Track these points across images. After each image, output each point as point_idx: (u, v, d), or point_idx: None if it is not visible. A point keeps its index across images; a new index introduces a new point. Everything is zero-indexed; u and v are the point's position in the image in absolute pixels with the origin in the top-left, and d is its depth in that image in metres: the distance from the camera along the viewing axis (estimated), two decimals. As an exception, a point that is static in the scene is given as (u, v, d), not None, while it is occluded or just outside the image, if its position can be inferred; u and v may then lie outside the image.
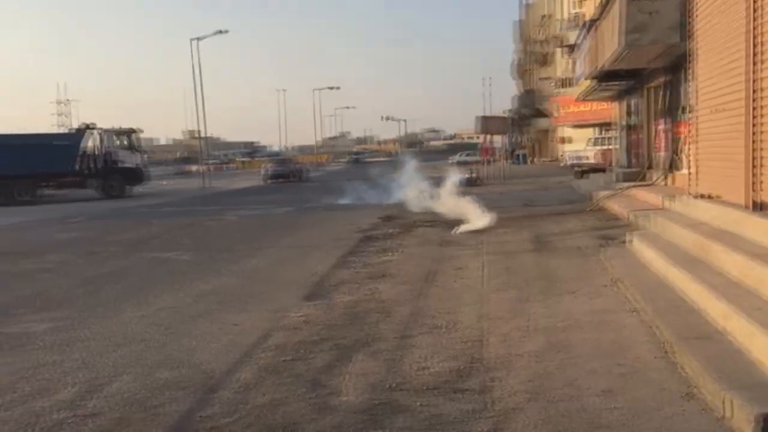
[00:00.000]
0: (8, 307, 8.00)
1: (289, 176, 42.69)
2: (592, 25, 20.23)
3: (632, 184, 16.82)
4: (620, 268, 7.92)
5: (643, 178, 17.34)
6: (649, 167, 17.93)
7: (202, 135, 47.55)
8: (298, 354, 5.68)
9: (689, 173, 9.15)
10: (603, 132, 37.91)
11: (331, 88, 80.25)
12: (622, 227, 12.13)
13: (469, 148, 77.82)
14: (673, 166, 15.50)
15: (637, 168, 19.26)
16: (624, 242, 10.37)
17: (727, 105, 7.34)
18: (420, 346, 5.81)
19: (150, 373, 5.32)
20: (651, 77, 17.26)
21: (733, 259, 5.87)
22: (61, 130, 46.31)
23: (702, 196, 8.44)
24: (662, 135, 16.91)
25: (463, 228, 13.25)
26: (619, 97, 22.42)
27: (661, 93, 16.56)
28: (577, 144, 40.63)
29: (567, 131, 46.37)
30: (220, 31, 39.18)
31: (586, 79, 19.44)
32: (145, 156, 36.62)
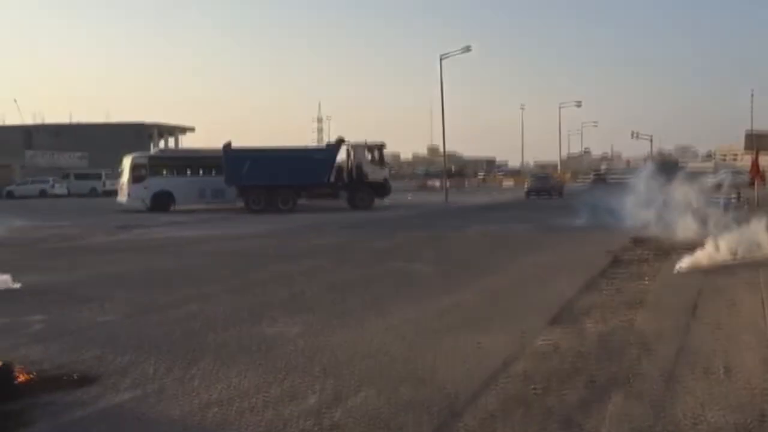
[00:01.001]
0: (267, 308, 8.43)
1: (550, 191, 44.10)
2: None
3: None
4: None
5: None
6: None
7: (444, 150, 48.41)
8: (549, 385, 5.16)
9: None
10: None
11: (577, 105, 77.69)
12: None
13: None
14: None
15: None
16: None
17: None
18: (692, 391, 4.99)
19: (393, 389, 5.14)
20: None
21: None
22: (316, 145, 49.98)
23: None
24: None
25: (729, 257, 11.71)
26: None
27: None
28: None
29: None
30: (467, 48, 39.62)
31: None
32: (390, 170, 38.10)
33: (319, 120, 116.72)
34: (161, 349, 6.39)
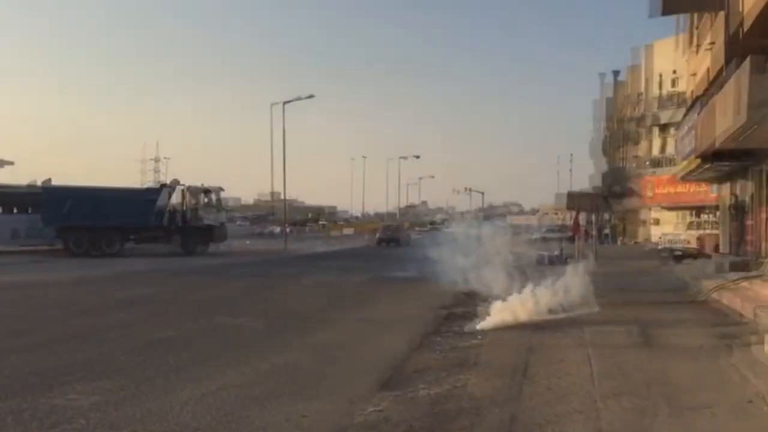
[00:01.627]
0: (64, 371, 7.26)
1: (399, 240, 48.36)
2: (696, 101, 19.00)
3: (744, 275, 15.13)
4: (765, 378, 6.53)
5: (759, 269, 15.61)
6: (765, 256, 16.20)
7: (284, 196, 47.73)
8: (377, 468, 4.61)
9: None
10: (702, 215, 35.88)
11: (416, 157, 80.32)
12: (743, 325, 10.63)
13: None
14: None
15: (745, 257, 17.52)
16: (751, 344, 8.94)
17: None
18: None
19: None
20: (768, 157, 15.76)
21: None
22: (147, 186, 47.36)
23: None
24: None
25: (558, 312, 11.94)
26: (726, 178, 20.80)
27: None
28: (667, 226, 38.71)
29: (659, 213, 44.20)
30: (311, 96, 39.58)
31: (696, 157, 18.00)
32: (227, 214, 36.78)
33: (156, 160, 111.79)
34: None
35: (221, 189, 35.02)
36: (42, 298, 14.36)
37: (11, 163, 76.55)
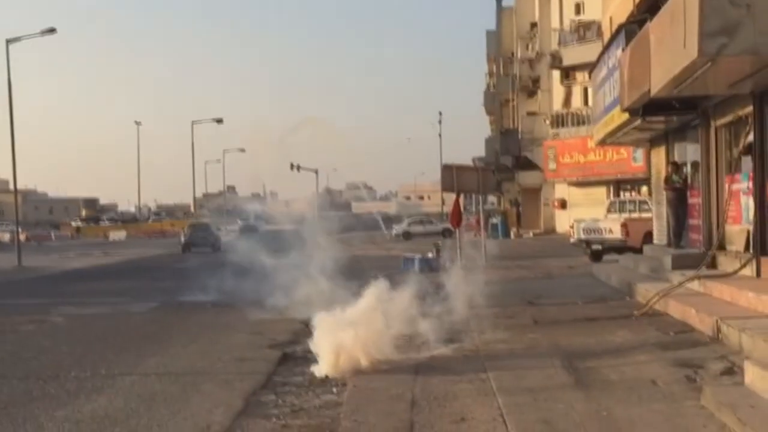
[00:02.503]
0: None
1: (212, 244, 50.50)
2: (618, 32, 19.61)
3: (696, 273, 15.78)
4: (758, 429, 6.57)
5: (712, 264, 16.35)
6: (718, 247, 17.00)
7: (15, 188, 45.05)
8: None
9: None
10: (623, 193, 37.71)
11: (217, 121, 78.86)
12: (707, 345, 10.98)
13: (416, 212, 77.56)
14: (760, 245, 14.55)
15: (697, 249, 18.37)
16: (724, 373, 9.18)
17: None
18: None
19: None
20: (722, 109, 16.51)
21: None
22: None
23: None
24: (740, 197, 16.05)
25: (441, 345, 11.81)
26: (662, 139, 21.77)
27: (742, 132, 15.75)
28: (583, 209, 40.13)
29: (567, 191, 46.03)
30: (50, 30, 37.46)
31: (623, 111, 18.59)
32: None
33: None
34: None
35: None
36: None
37: None
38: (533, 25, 51.84)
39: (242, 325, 14.97)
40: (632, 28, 17.83)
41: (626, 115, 18.70)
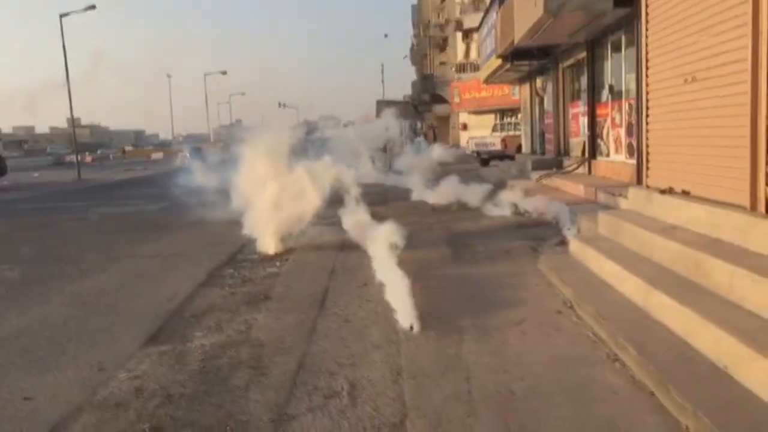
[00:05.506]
0: None
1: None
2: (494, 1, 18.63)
3: (548, 172, 15.28)
4: (572, 285, 6.05)
5: (559, 166, 15.84)
6: (565, 154, 16.48)
7: (72, 120, 43.11)
8: (102, 472, 3.42)
9: (625, 161, 7.37)
10: (505, 118, 36.98)
11: (222, 73, 76.27)
12: (550, 225, 10.44)
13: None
14: (591, 152, 14.02)
15: (550, 155, 17.84)
16: (558, 244, 8.67)
17: (712, 71, 5.56)
18: (307, 436, 3.68)
19: None
20: (566, 55, 15.74)
21: (759, 288, 4.05)
22: None
23: (664, 192, 6.68)
24: (579, 118, 15.45)
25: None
26: (527, 78, 20.98)
27: (580, 72, 15.05)
28: (479, 130, 39.58)
29: (467, 117, 45.26)
30: (91, 7, 35.12)
31: (497, 57, 17.73)
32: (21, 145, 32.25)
33: None
34: None
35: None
36: None
37: None
38: (442, -1, 50.20)
39: (224, 219, 14.18)
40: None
41: (500, 60, 17.85)
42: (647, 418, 3.63)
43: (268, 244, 9.80)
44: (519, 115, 31.15)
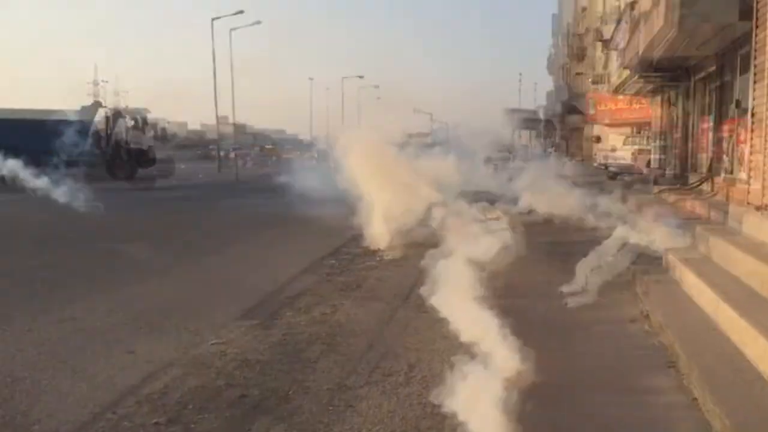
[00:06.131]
0: None
1: None
2: (625, 10, 18.22)
3: (668, 187, 14.81)
4: (654, 296, 6.05)
5: (685, 182, 15.29)
6: (692, 170, 15.86)
7: (224, 121, 46.05)
8: (177, 413, 3.95)
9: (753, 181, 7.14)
10: (641, 131, 35.69)
11: (359, 77, 78.09)
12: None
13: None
14: (716, 169, 13.44)
15: (676, 171, 17.22)
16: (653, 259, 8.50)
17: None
18: (359, 409, 4.04)
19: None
20: (698, 68, 15.17)
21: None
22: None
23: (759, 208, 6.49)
24: (707, 134, 14.84)
25: None
26: (659, 90, 20.30)
27: (711, 86, 14.47)
28: (612, 143, 38.46)
29: (601, 130, 44.03)
30: (240, 11, 37.56)
31: (624, 68, 17.36)
32: (150, 136, 34.81)
33: (95, 84, 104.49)
34: None
35: (147, 111, 33.44)
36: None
37: None
38: (583, 9, 49.07)
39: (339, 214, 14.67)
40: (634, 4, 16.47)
41: (628, 71, 17.46)
42: (682, 419, 3.71)
43: (375, 240, 10.25)
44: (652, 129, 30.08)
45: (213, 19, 37.52)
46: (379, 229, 10.36)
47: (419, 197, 10.72)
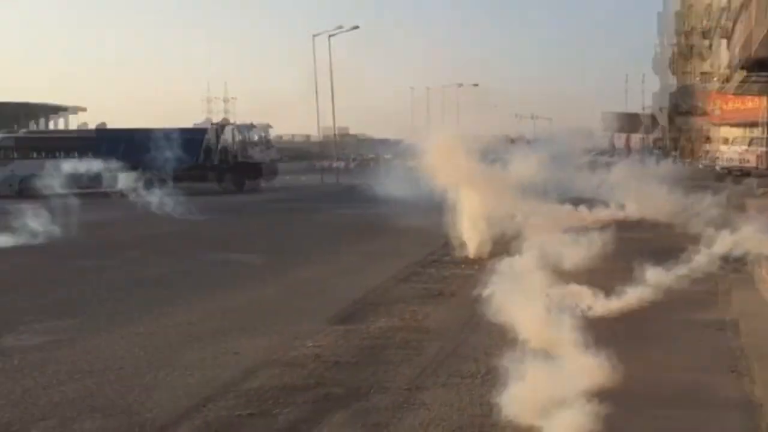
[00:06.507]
0: (23, 314, 7.28)
1: None
2: (742, 8, 17.50)
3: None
4: (739, 302, 6.01)
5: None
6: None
7: (335, 132, 47.53)
8: (266, 406, 4.47)
9: None
10: (755, 129, 33.78)
11: (474, 85, 77.85)
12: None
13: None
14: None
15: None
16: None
17: None
18: (429, 404, 4.40)
19: (81, 420, 4.29)
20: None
21: None
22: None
23: None
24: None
25: None
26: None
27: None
28: (731, 144, 36.59)
29: (725, 130, 41.91)
30: (355, 27, 38.72)
31: (741, 68, 16.71)
32: (273, 150, 36.38)
33: (225, 101, 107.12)
34: None
35: (269, 126, 35.08)
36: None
37: (84, 109, 77.09)
38: (690, 6, 47.02)
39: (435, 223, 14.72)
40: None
41: (744, 72, 16.80)
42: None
43: (467, 249, 10.49)
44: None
45: (330, 36, 38.86)
46: (469, 236, 10.60)
47: (510, 203, 10.87)
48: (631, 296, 6.93)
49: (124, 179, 26.84)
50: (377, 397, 4.56)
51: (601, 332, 5.54)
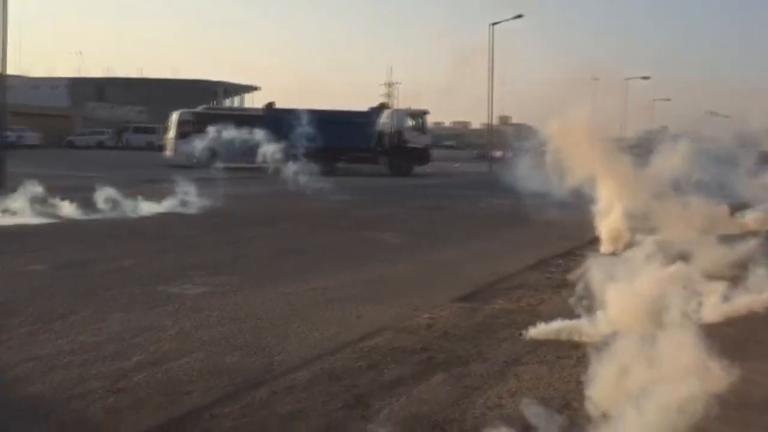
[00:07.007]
0: (195, 268, 8.43)
1: None
2: None
3: None
4: None
5: None
6: None
7: (489, 120, 47.48)
8: (376, 362, 5.04)
9: None
10: None
11: (644, 78, 74.05)
12: None
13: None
14: None
15: None
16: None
17: None
18: (521, 376, 4.78)
19: (223, 355, 5.12)
20: None
21: None
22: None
23: None
24: None
25: None
26: None
27: None
28: None
29: None
30: (519, 15, 38.45)
31: None
32: (428, 136, 37.03)
33: (390, 84, 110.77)
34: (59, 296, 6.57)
35: (426, 112, 35.83)
36: (224, 210, 15.51)
37: (258, 89, 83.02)
38: None
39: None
40: None
41: None
42: None
43: (610, 244, 10.49)
44: None
45: (492, 24, 38.96)
46: (614, 234, 10.60)
47: (656, 201, 10.68)
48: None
49: (283, 156, 28.74)
50: (476, 366, 4.99)
51: (718, 333, 5.59)
